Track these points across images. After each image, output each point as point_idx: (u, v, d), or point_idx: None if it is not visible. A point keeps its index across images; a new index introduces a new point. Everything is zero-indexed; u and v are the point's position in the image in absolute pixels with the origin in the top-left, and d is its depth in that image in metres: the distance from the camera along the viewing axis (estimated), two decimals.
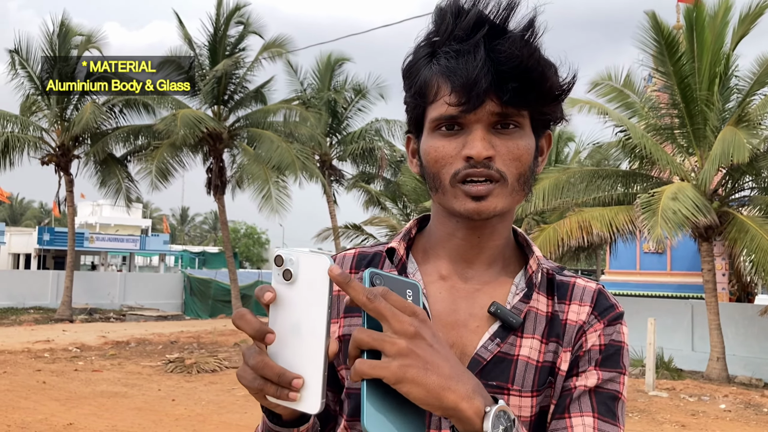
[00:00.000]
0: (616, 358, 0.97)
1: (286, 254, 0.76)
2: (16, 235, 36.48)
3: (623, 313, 1.01)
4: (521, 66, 0.86)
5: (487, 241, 0.99)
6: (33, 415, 8.09)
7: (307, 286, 0.76)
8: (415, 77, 0.95)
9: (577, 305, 1.00)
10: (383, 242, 1.09)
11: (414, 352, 0.72)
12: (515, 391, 0.94)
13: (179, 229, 77.82)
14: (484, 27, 0.88)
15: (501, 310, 0.96)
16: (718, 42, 12.50)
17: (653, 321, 11.59)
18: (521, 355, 0.96)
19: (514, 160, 0.92)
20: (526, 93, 0.88)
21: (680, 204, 11.17)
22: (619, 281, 20.34)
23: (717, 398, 10.75)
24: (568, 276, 1.04)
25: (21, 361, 12.38)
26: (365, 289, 0.73)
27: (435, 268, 1.02)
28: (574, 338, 0.98)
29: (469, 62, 0.87)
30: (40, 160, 20.69)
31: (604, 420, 0.93)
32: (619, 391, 0.96)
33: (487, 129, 0.91)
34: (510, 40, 0.87)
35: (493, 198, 0.92)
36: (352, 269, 1.06)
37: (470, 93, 0.87)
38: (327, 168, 24.39)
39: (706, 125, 12.52)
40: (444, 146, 0.92)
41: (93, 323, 20.39)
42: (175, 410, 8.67)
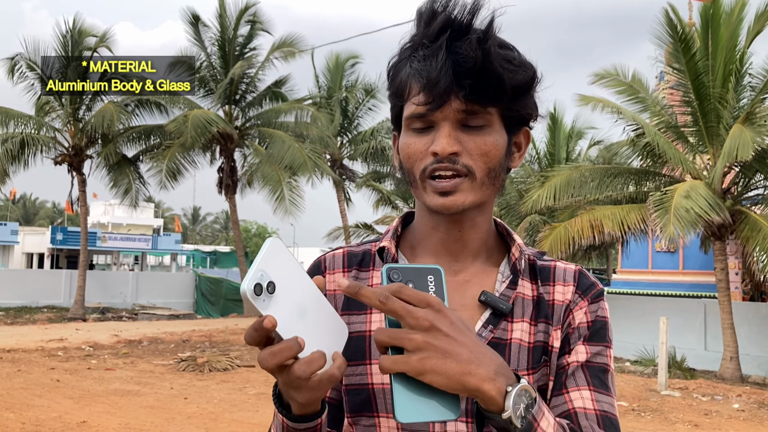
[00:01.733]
0: (602, 333, 1.03)
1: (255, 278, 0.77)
2: (30, 234, 36.78)
3: (604, 290, 1.07)
4: (476, 66, 0.91)
5: (469, 233, 1.04)
6: (47, 412, 8.15)
7: (283, 275, 0.79)
8: (394, 78, 1.01)
9: (561, 286, 1.05)
10: (369, 241, 1.12)
11: (431, 344, 0.76)
12: None
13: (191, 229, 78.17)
14: (447, 32, 0.93)
15: (491, 298, 1.01)
16: (733, 39, 12.42)
17: (665, 320, 11.53)
18: (514, 339, 1.01)
19: (482, 155, 0.96)
20: (483, 91, 0.93)
21: (693, 202, 11.11)
22: (631, 280, 20.24)
23: (730, 398, 10.68)
24: (548, 260, 1.09)
25: (35, 359, 12.48)
26: (377, 292, 0.77)
27: (423, 263, 1.05)
28: (563, 317, 1.03)
29: (432, 64, 0.93)
30: (53, 160, 20.84)
31: (599, 391, 0.99)
32: (607, 363, 1.02)
33: (453, 126, 0.95)
34: (467, 42, 0.92)
35: (461, 193, 0.96)
36: (344, 268, 1.09)
37: (433, 92, 0.93)
38: (338, 167, 24.43)
39: (720, 123, 12.43)
40: (415, 143, 0.98)
41: (105, 322, 20.52)
42: (188, 408, 8.71)
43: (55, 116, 21.15)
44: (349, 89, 24.35)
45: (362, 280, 1.07)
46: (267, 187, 19.69)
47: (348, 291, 0.78)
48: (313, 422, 0.88)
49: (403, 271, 0.81)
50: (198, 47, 20.83)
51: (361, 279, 1.08)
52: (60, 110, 20.79)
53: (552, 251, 13.24)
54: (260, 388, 10.16)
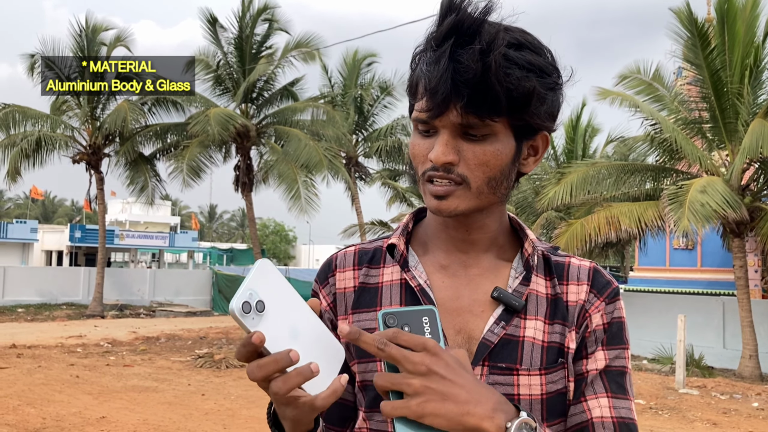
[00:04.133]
0: (619, 335, 1.03)
1: (243, 297, 0.78)
2: (49, 232, 37.18)
3: (619, 289, 1.06)
4: (475, 78, 0.88)
5: (477, 234, 1.04)
6: (67, 408, 8.25)
7: (274, 296, 0.81)
8: (412, 74, 1.00)
9: (575, 285, 1.04)
10: (382, 237, 1.12)
11: (429, 387, 0.78)
12: (524, 371, 0.98)
13: (207, 227, 78.62)
14: (453, 37, 0.90)
15: (504, 294, 1.00)
16: (750, 34, 12.29)
17: (683, 318, 11.44)
18: (527, 336, 1.00)
19: (480, 165, 0.94)
20: (479, 105, 0.89)
21: (709, 197, 11.00)
22: (648, 278, 20.11)
23: (749, 396, 10.58)
24: (563, 256, 1.08)
25: (55, 355, 12.63)
26: (375, 339, 0.79)
27: (435, 259, 1.06)
28: (578, 318, 1.02)
29: (434, 70, 0.91)
30: (71, 158, 21.04)
31: (617, 397, 0.99)
32: (625, 366, 1.02)
33: (452, 135, 0.93)
34: (470, 52, 0.88)
35: (454, 199, 0.96)
36: (355, 266, 1.09)
37: (433, 100, 0.91)
38: (353, 165, 24.44)
39: (738, 119, 12.31)
40: (420, 145, 0.98)
41: (123, 319, 20.71)
42: (205, 405, 8.78)
43: (72, 115, 21.35)
44: (365, 87, 24.35)
45: (372, 277, 1.07)
46: (283, 185, 19.74)
47: (349, 337, 0.80)
48: None
49: (398, 315, 0.83)
50: (215, 46, 20.92)
51: (371, 276, 1.08)
52: (77, 109, 20.98)
53: (568, 248, 13.17)
54: None
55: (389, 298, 1.05)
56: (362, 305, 1.05)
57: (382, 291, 1.06)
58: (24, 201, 65.28)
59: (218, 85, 21.11)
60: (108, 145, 21.31)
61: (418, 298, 1.02)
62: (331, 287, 1.09)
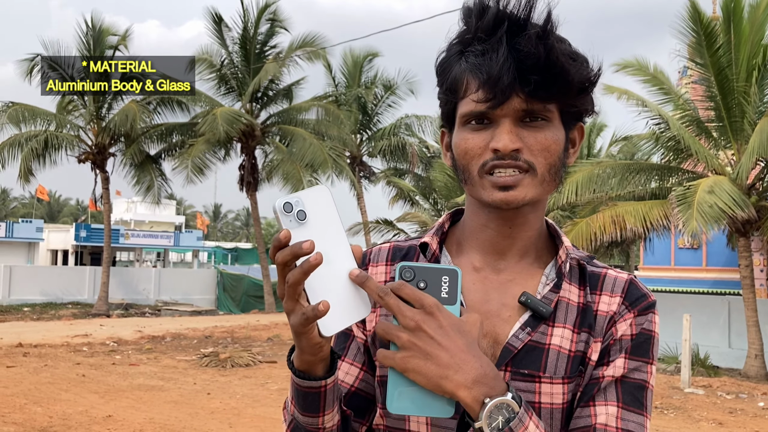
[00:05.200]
0: (645, 347, 0.98)
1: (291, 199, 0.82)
2: (54, 232, 37.25)
3: (655, 302, 1.02)
4: (539, 63, 0.89)
5: (519, 231, 1.02)
6: (73, 407, 8.28)
7: (319, 217, 0.83)
8: (446, 74, 0.98)
9: (608, 296, 1.01)
10: (417, 237, 1.12)
11: (414, 344, 0.80)
12: (546, 379, 0.97)
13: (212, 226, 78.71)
14: (504, 24, 0.91)
15: (531, 300, 0.99)
16: (758, 33, 12.24)
17: (689, 317, 11.41)
18: (552, 344, 0.98)
19: (543, 150, 0.94)
20: (548, 88, 0.91)
21: (716, 197, 10.97)
22: (653, 277, 20.06)
23: (755, 396, 10.56)
24: (599, 267, 1.05)
25: (61, 354, 12.66)
26: (378, 287, 0.82)
27: (468, 260, 1.05)
28: (605, 328, 1.00)
29: (492, 60, 0.91)
30: (77, 158, 21.11)
31: (628, 409, 0.95)
32: (646, 380, 0.98)
33: (514, 122, 0.93)
34: (527, 38, 0.89)
35: (522, 188, 0.94)
36: (388, 261, 1.09)
37: (495, 89, 0.90)
38: (357, 164, 24.45)
39: (744, 118, 12.27)
40: (473, 139, 0.96)
41: (129, 318, 20.76)
42: (211, 404, 8.79)
43: (78, 115, 21.40)
44: (368, 86, 24.34)
45: None
46: (288, 184, 19.78)
47: (356, 280, 0.83)
48: (315, 382, 0.90)
49: (418, 270, 0.84)
50: (219, 45, 20.97)
51: None
52: (83, 109, 21.04)
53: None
54: (282, 384, 10.22)
55: None
56: None
57: None
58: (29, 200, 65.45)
59: (223, 84, 21.16)
60: (113, 144, 21.37)
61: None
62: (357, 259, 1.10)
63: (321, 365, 0.90)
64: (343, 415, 1.00)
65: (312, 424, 0.94)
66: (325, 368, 0.91)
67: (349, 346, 1.07)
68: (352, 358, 1.07)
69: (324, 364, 0.90)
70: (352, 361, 1.06)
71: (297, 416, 0.95)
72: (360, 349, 1.07)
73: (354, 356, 1.07)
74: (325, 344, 0.87)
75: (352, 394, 1.05)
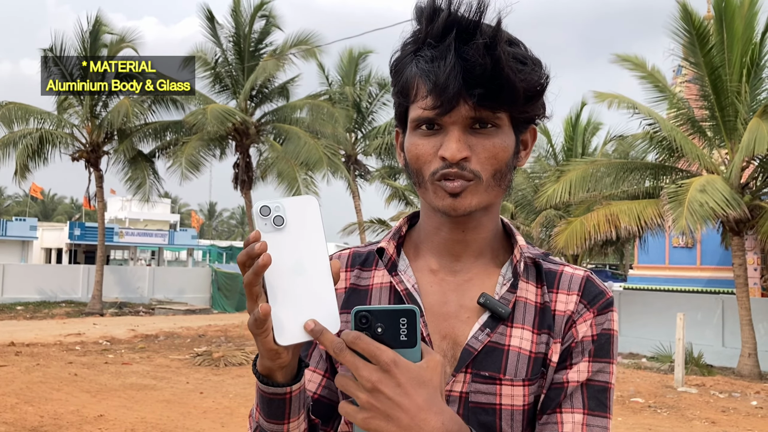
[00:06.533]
0: (607, 348, 0.99)
1: (270, 203, 0.82)
2: (48, 230, 37.15)
3: (613, 299, 1.02)
4: (486, 73, 0.89)
5: (473, 234, 1.02)
6: (65, 406, 8.24)
7: (299, 226, 0.82)
8: (399, 76, 0.98)
9: (564, 294, 1.01)
10: (377, 242, 1.11)
11: (373, 405, 0.78)
12: (507, 381, 0.97)
13: (207, 224, 78.58)
14: (453, 31, 0.91)
15: (489, 301, 0.98)
16: (748, 32, 12.27)
17: (682, 316, 11.43)
18: (512, 346, 0.98)
19: (490, 158, 0.95)
20: (495, 97, 0.91)
21: (708, 196, 10.99)
22: (648, 276, 20.10)
23: (748, 395, 10.57)
24: (555, 263, 1.05)
25: (53, 353, 12.62)
26: (332, 342, 0.79)
27: (425, 263, 1.05)
28: (564, 329, 1.00)
29: (439, 67, 0.90)
30: (71, 156, 21.02)
31: (593, 414, 0.97)
32: (608, 381, 0.99)
33: (463, 129, 0.93)
34: (474, 47, 0.89)
35: (469, 195, 0.95)
36: (348, 268, 1.09)
37: (442, 97, 0.90)
38: (352, 163, 24.42)
39: (737, 117, 12.29)
40: (423, 145, 0.96)
41: (123, 317, 20.71)
42: (203, 403, 8.77)
43: (73, 112, 21.31)
44: (363, 85, 24.32)
45: (363, 279, 1.07)
46: (283, 183, 19.74)
47: (312, 334, 0.80)
48: (280, 389, 0.89)
49: (374, 313, 0.80)
50: (214, 43, 20.90)
51: (362, 278, 1.07)
52: (78, 107, 20.95)
53: (568, 246, 13.18)
54: None
55: (378, 301, 1.04)
56: (350, 306, 1.03)
57: (371, 293, 1.05)
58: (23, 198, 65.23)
59: (217, 83, 21.10)
60: (107, 142, 21.29)
61: (405, 302, 1.01)
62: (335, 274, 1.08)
63: (281, 372, 0.88)
64: (311, 423, 0.99)
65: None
66: (286, 376, 0.89)
67: (311, 353, 1.07)
68: (315, 365, 1.06)
69: (284, 371, 0.88)
70: (315, 368, 1.06)
71: (262, 423, 0.93)
72: (322, 356, 1.06)
73: (317, 363, 1.06)
74: (283, 352, 0.85)
75: (315, 401, 1.04)
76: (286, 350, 0.85)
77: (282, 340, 0.82)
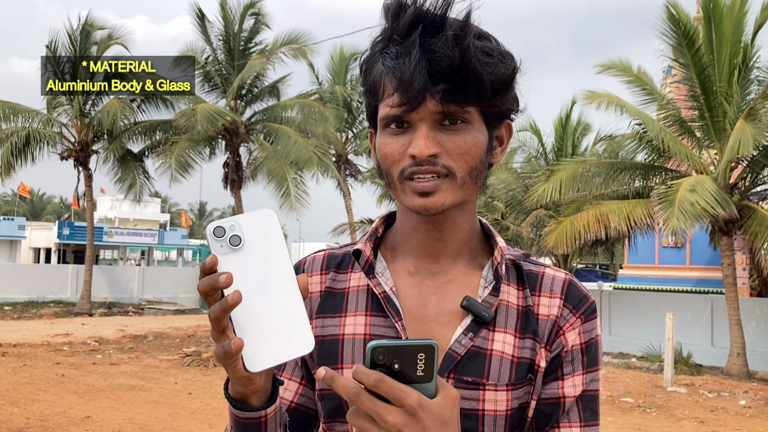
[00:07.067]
0: (595, 355, 1.00)
1: (224, 223, 0.77)
2: (37, 229, 36.90)
3: (595, 303, 1.01)
4: (453, 66, 0.87)
5: (449, 234, 1.00)
6: (51, 407, 8.17)
7: (258, 243, 0.77)
8: (368, 75, 0.96)
9: (547, 297, 1.00)
10: (353, 243, 1.08)
11: None
12: (491, 386, 0.94)
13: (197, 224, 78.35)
14: (419, 26, 0.88)
15: (473, 305, 0.96)
16: (737, 33, 12.32)
17: (672, 316, 11.46)
18: (495, 350, 0.96)
19: (463, 154, 0.92)
20: (461, 90, 0.89)
21: (698, 196, 11.03)
22: (637, 276, 20.16)
23: (737, 394, 10.62)
24: (536, 265, 1.03)
25: (40, 354, 12.52)
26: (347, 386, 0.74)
27: (403, 265, 1.02)
28: (550, 335, 0.98)
29: (404, 63, 0.88)
30: (59, 155, 20.87)
31: (588, 425, 0.98)
32: (598, 388, 1.01)
33: (431, 126, 0.91)
34: (443, 39, 0.87)
35: (441, 193, 0.92)
36: (323, 270, 1.05)
37: (407, 94, 0.88)
38: (343, 162, 24.38)
39: (725, 118, 12.34)
40: (392, 144, 0.93)
41: (112, 317, 20.59)
42: (192, 404, 8.71)
43: (62, 111, 21.17)
44: (354, 84, 24.29)
45: (339, 282, 1.04)
46: (273, 182, 19.67)
47: (324, 381, 0.75)
48: (254, 413, 0.85)
49: (390, 350, 0.75)
50: (204, 41, 20.82)
51: (338, 281, 1.04)
52: (67, 105, 20.81)
53: (558, 246, 13.20)
54: None
55: (355, 304, 1.01)
56: (326, 310, 1.02)
57: (348, 297, 1.02)
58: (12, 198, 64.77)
59: (207, 82, 21.00)
60: (96, 141, 21.17)
61: (383, 306, 0.98)
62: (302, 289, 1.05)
63: (254, 396, 0.85)
64: None
65: None
66: (261, 398, 0.86)
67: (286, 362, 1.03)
68: (290, 373, 1.03)
69: (258, 395, 0.85)
70: (291, 375, 1.03)
71: None
72: (298, 363, 1.03)
73: (292, 371, 1.03)
74: (256, 378, 0.81)
75: (293, 410, 1.01)
76: (258, 375, 0.81)
77: (253, 367, 0.77)
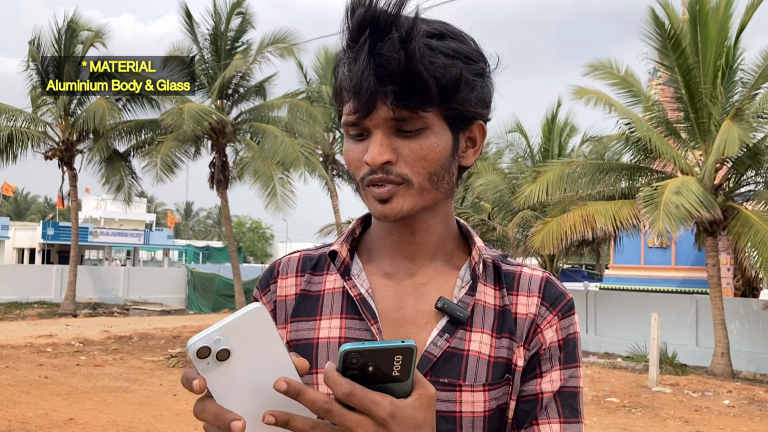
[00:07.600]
0: (574, 352, 0.98)
1: (208, 339, 0.69)
2: (21, 229, 36.57)
3: (573, 301, 1.00)
4: (399, 68, 0.84)
5: (423, 237, 0.98)
6: (34, 410, 8.08)
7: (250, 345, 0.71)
8: (335, 81, 0.95)
9: (525, 296, 0.98)
10: (329, 244, 1.07)
11: None
12: (467, 387, 0.93)
13: (183, 224, 77.96)
14: (368, 29, 0.86)
15: (448, 305, 0.95)
16: (722, 35, 12.41)
17: (657, 316, 11.53)
18: (471, 350, 0.94)
19: (419, 160, 0.90)
20: (410, 95, 0.85)
21: (683, 198, 11.11)
22: (623, 276, 20.28)
23: (721, 394, 10.69)
24: (514, 265, 1.02)
25: (23, 355, 12.38)
26: (316, 399, 0.70)
27: (380, 267, 1.01)
28: (528, 333, 0.97)
29: (354, 68, 0.87)
30: (44, 154, 20.68)
31: (568, 422, 0.96)
32: (578, 385, 0.98)
33: (386, 133, 0.89)
34: (389, 43, 0.84)
35: (398, 199, 0.91)
36: (298, 272, 1.03)
37: (359, 100, 0.87)
38: (330, 162, 24.34)
39: (710, 119, 12.43)
40: (354, 150, 0.93)
41: (96, 318, 20.42)
42: (176, 405, 8.65)
43: (46, 110, 20.98)
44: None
45: (315, 284, 1.02)
46: (259, 182, 19.60)
47: (288, 394, 0.70)
48: None
49: (365, 353, 0.70)
50: (191, 40, 20.72)
51: (313, 283, 1.02)
52: (51, 104, 20.63)
53: (544, 246, 13.24)
54: None
55: (330, 307, 0.99)
56: (301, 313, 1.00)
57: (323, 299, 1.00)
58: None
59: (193, 81, 20.89)
60: (81, 141, 20.99)
61: (359, 308, 0.96)
62: (272, 294, 1.03)
63: None
64: None
65: None
66: None
67: None
68: None
69: None
70: None
71: None
72: None
73: None
74: None
75: None
76: None
77: None
